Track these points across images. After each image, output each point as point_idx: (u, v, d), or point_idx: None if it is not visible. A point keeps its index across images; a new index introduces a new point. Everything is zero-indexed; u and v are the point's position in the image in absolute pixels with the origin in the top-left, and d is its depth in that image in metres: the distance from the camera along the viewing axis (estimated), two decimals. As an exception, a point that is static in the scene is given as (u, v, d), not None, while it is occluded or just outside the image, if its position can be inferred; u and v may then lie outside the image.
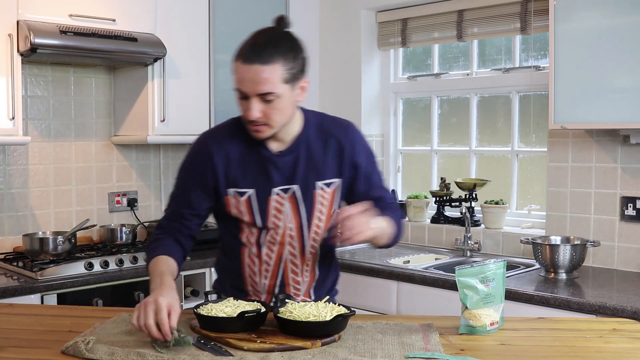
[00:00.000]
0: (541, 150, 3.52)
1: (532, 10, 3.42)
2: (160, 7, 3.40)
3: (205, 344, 1.64)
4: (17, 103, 2.96)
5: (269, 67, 1.77)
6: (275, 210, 1.94)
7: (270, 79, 1.78)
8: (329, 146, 1.96)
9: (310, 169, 1.94)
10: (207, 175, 1.94)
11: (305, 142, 1.95)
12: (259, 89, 1.78)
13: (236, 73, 1.82)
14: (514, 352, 1.67)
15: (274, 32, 1.85)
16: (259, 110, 1.81)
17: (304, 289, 2.02)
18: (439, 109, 4.02)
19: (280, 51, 1.79)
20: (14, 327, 1.89)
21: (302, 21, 4.05)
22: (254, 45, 1.80)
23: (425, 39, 3.91)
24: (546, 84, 3.20)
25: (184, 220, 1.98)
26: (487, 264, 1.83)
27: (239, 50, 1.82)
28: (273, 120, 1.84)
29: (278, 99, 1.81)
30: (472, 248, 3.51)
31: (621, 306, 2.48)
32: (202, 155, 1.96)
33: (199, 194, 1.96)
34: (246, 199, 1.93)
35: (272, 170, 1.93)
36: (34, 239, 3.15)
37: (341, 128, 2.00)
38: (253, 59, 1.77)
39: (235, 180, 1.93)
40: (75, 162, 3.59)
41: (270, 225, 1.95)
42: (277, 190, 1.94)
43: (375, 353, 1.59)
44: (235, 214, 1.96)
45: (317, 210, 1.97)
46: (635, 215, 3.08)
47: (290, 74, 1.81)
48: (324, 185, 1.96)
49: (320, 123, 1.99)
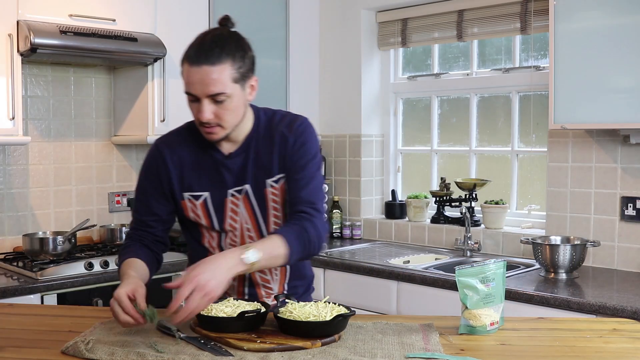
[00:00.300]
0: (541, 150, 3.52)
1: (532, 10, 3.42)
2: (160, 7, 3.40)
3: (205, 344, 1.63)
4: (17, 103, 2.96)
5: (218, 67, 1.77)
6: (231, 212, 1.95)
7: (220, 80, 1.78)
8: (275, 142, 1.94)
9: (259, 167, 1.94)
10: (163, 180, 1.96)
11: (255, 141, 1.94)
12: (209, 90, 1.78)
13: (185, 76, 1.81)
14: (514, 352, 1.67)
15: (220, 33, 1.84)
16: (210, 111, 1.80)
17: (276, 286, 2.02)
18: (439, 109, 4.02)
19: (227, 51, 1.79)
20: (14, 327, 1.88)
21: (302, 21, 4.05)
22: (200, 46, 1.79)
23: (425, 39, 3.91)
24: (546, 84, 3.20)
25: (148, 228, 1.99)
26: (487, 264, 1.83)
27: (186, 53, 1.81)
28: (225, 121, 1.83)
29: (229, 99, 1.81)
30: (472, 248, 3.51)
31: (621, 306, 2.48)
32: (155, 161, 1.97)
33: (158, 200, 1.97)
34: (202, 203, 1.95)
35: (224, 172, 1.94)
36: (34, 239, 3.15)
37: (287, 122, 1.96)
38: (201, 60, 1.77)
39: (190, 185, 1.94)
40: (75, 162, 3.58)
41: (227, 227, 1.95)
42: (231, 191, 1.94)
43: (375, 353, 1.59)
44: (193, 218, 1.97)
45: (271, 207, 1.96)
46: (635, 215, 3.08)
47: (240, 73, 1.82)
48: (274, 183, 1.94)
49: (270, 120, 1.97)
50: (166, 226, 2.02)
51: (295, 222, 1.86)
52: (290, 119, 1.98)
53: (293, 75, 4.00)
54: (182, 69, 1.82)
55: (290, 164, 1.92)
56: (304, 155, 1.93)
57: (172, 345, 1.63)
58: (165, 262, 3.18)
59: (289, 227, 1.85)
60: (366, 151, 4.12)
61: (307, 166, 1.93)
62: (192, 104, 1.84)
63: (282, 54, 3.94)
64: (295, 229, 1.83)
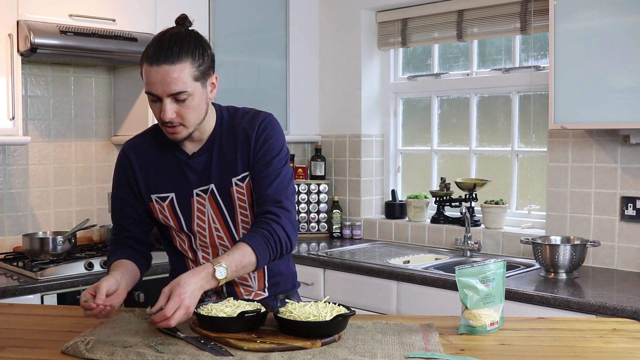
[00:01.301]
0: (541, 150, 3.52)
1: (532, 10, 3.42)
2: (160, 7, 3.40)
3: (205, 344, 1.64)
4: (17, 103, 2.96)
5: (178, 66, 1.77)
6: (198, 212, 1.95)
7: (180, 78, 1.78)
8: (238, 139, 1.93)
9: (223, 166, 1.93)
10: (132, 183, 1.98)
11: (218, 139, 1.94)
12: (170, 89, 1.78)
13: (145, 76, 1.80)
14: (514, 352, 1.66)
15: (178, 32, 1.83)
16: (172, 111, 1.80)
17: (255, 285, 2.01)
18: (439, 109, 4.02)
19: (187, 49, 1.79)
20: (14, 327, 1.88)
21: (302, 21, 4.05)
22: (159, 46, 1.78)
23: (425, 39, 3.91)
24: (546, 84, 3.20)
25: (127, 231, 2.01)
26: (487, 264, 1.83)
27: (144, 53, 1.80)
28: (187, 120, 1.83)
29: (190, 98, 1.81)
30: (472, 248, 3.51)
31: (621, 306, 2.48)
32: (123, 165, 2.00)
33: (131, 203, 1.99)
34: (168, 204, 1.96)
35: (189, 172, 1.94)
36: (34, 239, 3.15)
37: (249, 119, 1.94)
38: (160, 60, 1.76)
39: (156, 186, 1.96)
40: (75, 162, 3.59)
41: (195, 228, 1.96)
42: (197, 191, 1.94)
43: (375, 353, 1.59)
44: (162, 220, 1.98)
45: (238, 207, 1.95)
46: (635, 215, 3.08)
47: (200, 72, 1.82)
48: (238, 181, 1.93)
49: (232, 118, 1.96)
50: (144, 228, 2.03)
51: (263, 226, 1.84)
52: (252, 115, 1.96)
53: (293, 75, 4.00)
54: (141, 69, 1.81)
55: (254, 162, 1.91)
56: (268, 152, 1.91)
57: (172, 345, 1.63)
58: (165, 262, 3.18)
59: (257, 233, 1.83)
60: (366, 151, 4.12)
61: (271, 163, 1.91)
62: (153, 104, 1.83)
63: (282, 54, 3.94)
64: (263, 234, 1.82)
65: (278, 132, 1.95)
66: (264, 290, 2.03)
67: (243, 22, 3.77)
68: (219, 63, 3.81)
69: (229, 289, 2.00)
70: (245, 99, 3.76)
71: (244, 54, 3.78)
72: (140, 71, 1.83)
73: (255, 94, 3.81)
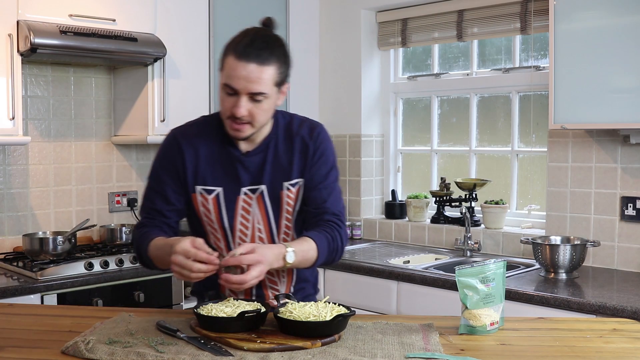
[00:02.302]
0: (541, 150, 3.52)
1: (532, 10, 3.42)
2: (160, 7, 3.40)
3: (205, 344, 1.64)
4: (17, 103, 2.96)
5: (265, 68, 1.80)
6: (243, 210, 1.95)
7: (265, 80, 1.80)
8: (295, 146, 1.96)
9: (277, 169, 1.94)
10: (179, 168, 1.94)
11: (273, 142, 1.96)
12: (251, 88, 1.80)
13: (228, 68, 1.81)
14: (514, 352, 1.67)
15: (269, 35, 1.86)
16: (246, 108, 1.82)
17: (282, 289, 2.02)
18: (439, 109, 4.02)
19: (276, 54, 1.83)
20: (14, 327, 1.88)
21: (302, 21, 4.05)
22: (251, 44, 1.80)
23: (425, 39, 3.91)
24: (546, 84, 3.20)
25: (163, 217, 1.97)
26: (487, 264, 1.83)
27: (233, 46, 1.82)
28: (257, 120, 1.85)
29: (266, 100, 1.83)
30: (472, 248, 3.51)
31: (621, 306, 2.48)
32: (172, 150, 1.96)
33: (174, 189, 1.96)
34: (214, 198, 1.94)
35: (241, 169, 1.94)
36: (34, 239, 3.15)
37: (307, 128, 1.98)
38: (250, 57, 1.78)
39: (204, 178, 1.94)
40: (75, 162, 3.59)
41: (238, 226, 1.95)
42: (245, 190, 1.94)
43: (375, 353, 1.59)
44: (203, 213, 1.96)
45: (284, 210, 1.96)
46: (635, 215, 3.08)
47: (280, 78, 1.85)
48: (290, 186, 1.95)
49: (289, 124, 1.99)
50: (180, 217, 2.01)
51: (327, 230, 1.91)
52: (310, 125, 2.00)
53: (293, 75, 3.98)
54: (225, 60, 1.83)
55: (311, 173, 1.96)
56: (324, 164, 1.97)
57: (172, 345, 1.63)
58: (165, 262, 3.21)
59: (322, 234, 1.89)
60: (366, 151, 4.12)
61: (328, 175, 1.98)
62: (226, 97, 1.84)
63: (282, 54, 3.93)
64: (327, 237, 1.90)
65: (332, 144, 2.02)
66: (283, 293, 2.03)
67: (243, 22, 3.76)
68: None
69: (258, 291, 2.00)
70: (245, 99, 3.76)
71: (244, 54, 3.78)
72: (222, 62, 1.84)
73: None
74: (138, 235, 1.96)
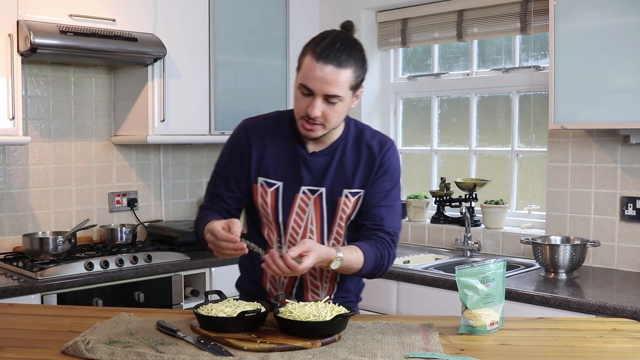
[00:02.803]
0: (541, 150, 3.52)
1: (532, 10, 3.42)
2: (160, 7, 3.40)
3: (205, 344, 1.64)
4: (17, 103, 2.96)
5: (343, 71, 1.80)
6: (298, 209, 1.96)
7: (342, 83, 1.81)
8: (362, 156, 1.98)
9: (339, 175, 1.96)
10: (244, 157, 1.97)
11: (341, 147, 1.97)
12: (328, 90, 1.80)
13: (306, 69, 1.82)
14: (514, 352, 1.67)
15: (348, 38, 1.86)
16: (320, 109, 1.83)
17: (323, 294, 2.02)
18: (439, 109, 4.02)
19: (355, 58, 1.83)
20: (14, 327, 1.88)
21: (302, 21, 4.05)
22: (330, 46, 1.80)
23: (425, 39, 3.91)
24: (546, 84, 3.20)
25: (223, 203, 2.00)
26: (487, 264, 1.83)
27: (312, 46, 1.82)
28: (329, 122, 1.86)
29: (340, 103, 1.84)
30: (472, 248, 3.51)
31: (621, 306, 2.48)
32: (241, 140, 1.99)
33: (238, 178, 1.98)
34: (273, 191, 1.96)
35: (304, 168, 1.95)
36: (34, 239, 3.15)
37: (378, 141, 2.00)
38: (329, 59, 1.79)
39: (267, 171, 1.96)
40: (75, 162, 3.58)
41: (291, 222, 1.96)
42: (304, 189, 1.95)
43: (375, 353, 1.59)
44: (260, 204, 1.97)
45: (339, 217, 1.98)
46: (635, 215, 3.08)
47: (356, 82, 1.85)
48: (350, 194, 1.97)
49: (360, 133, 2.01)
50: (241, 205, 2.03)
51: (378, 246, 1.93)
52: (381, 139, 2.01)
53: (293, 75, 3.98)
54: (303, 60, 1.84)
55: (373, 187, 1.97)
56: (389, 181, 1.98)
57: (172, 345, 1.63)
58: (165, 261, 3.21)
59: (372, 249, 1.92)
60: (366, 151, 4.11)
61: (391, 192, 1.99)
62: (301, 97, 1.85)
63: (282, 54, 3.94)
64: (376, 253, 1.92)
65: (399, 162, 2.04)
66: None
67: (243, 22, 3.77)
68: (219, 63, 3.83)
69: (298, 292, 2.01)
70: (245, 99, 3.76)
71: (244, 54, 3.78)
72: (300, 62, 1.85)
73: (255, 94, 3.81)
74: (197, 218, 2.01)
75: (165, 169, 3.91)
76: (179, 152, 3.94)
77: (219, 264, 3.34)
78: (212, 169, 2.08)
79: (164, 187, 3.90)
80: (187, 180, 4.00)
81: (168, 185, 3.92)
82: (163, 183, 3.90)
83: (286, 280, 2.00)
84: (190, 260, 3.27)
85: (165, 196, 3.91)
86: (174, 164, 3.93)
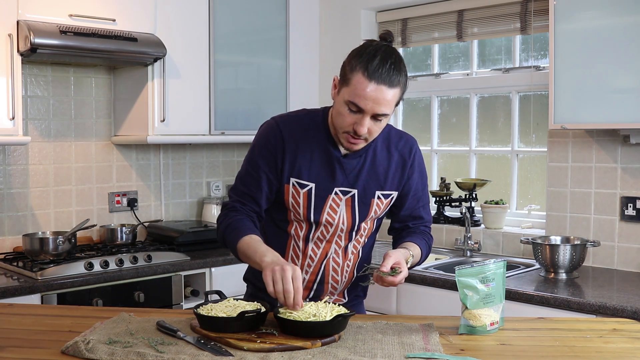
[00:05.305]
0: (541, 150, 3.52)
1: (532, 10, 3.42)
2: (160, 7, 3.40)
3: (205, 344, 1.64)
4: (17, 103, 2.96)
5: (393, 90, 1.80)
6: (330, 209, 1.97)
7: (390, 102, 1.81)
8: (393, 158, 2.01)
9: (371, 176, 1.98)
10: (277, 158, 1.95)
11: (372, 149, 1.99)
12: (379, 110, 1.80)
13: (358, 88, 1.79)
14: (514, 352, 1.67)
15: (396, 55, 1.84)
16: (367, 127, 1.83)
17: (340, 288, 2.06)
18: (439, 109, 4.02)
19: (403, 78, 1.83)
20: (14, 327, 1.88)
21: (302, 21, 4.05)
22: (382, 65, 1.78)
23: (425, 39, 3.91)
24: (546, 84, 3.20)
25: (254, 203, 1.98)
26: (487, 264, 1.83)
27: (364, 63, 1.79)
28: (372, 136, 1.88)
29: (385, 119, 1.86)
30: (472, 248, 3.51)
31: (621, 306, 2.48)
32: (274, 139, 1.96)
33: (269, 177, 1.96)
34: (306, 192, 1.95)
35: (338, 169, 1.96)
36: (34, 239, 3.15)
37: (406, 143, 2.06)
38: (382, 79, 1.78)
39: (300, 171, 1.95)
40: (75, 162, 3.58)
41: (324, 220, 1.97)
42: (337, 190, 1.96)
43: (375, 353, 1.59)
44: (291, 204, 1.97)
45: (369, 216, 2.01)
46: (635, 215, 3.08)
47: (400, 98, 1.87)
48: (382, 196, 2.00)
49: (387, 134, 2.03)
50: (269, 204, 2.01)
51: (425, 238, 2.09)
52: (407, 139, 2.08)
53: (293, 75, 4.00)
54: (353, 77, 1.80)
55: (409, 185, 2.05)
56: (421, 179, 2.09)
57: (172, 345, 1.63)
58: (165, 262, 3.21)
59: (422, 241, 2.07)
60: (366, 151, 4.11)
61: (424, 190, 2.11)
62: (349, 113, 1.83)
63: (282, 54, 3.94)
64: (426, 244, 2.09)
65: (423, 158, 2.14)
66: (343, 296, 2.10)
67: (243, 22, 3.77)
68: (219, 63, 3.83)
69: (318, 286, 2.03)
70: (245, 99, 3.76)
71: (244, 54, 3.78)
72: (349, 77, 1.81)
73: (255, 94, 3.81)
74: (229, 221, 1.94)
75: (165, 169, 3.91)
76: (179, 152, 3.94)
77: (218, 264, 3.34)
78: (212, 168, 2.08)
79: (164, 187, 3.90)
80: (187, 180, 4.00)
81: (168, 185, 3.91)
82: (163, 183, 3.90)
83: (308, 277, 2.01)
84: (190, 260, 3.27)
85: (165, 196, 3.91)
86: (174, 164, 3.93)
